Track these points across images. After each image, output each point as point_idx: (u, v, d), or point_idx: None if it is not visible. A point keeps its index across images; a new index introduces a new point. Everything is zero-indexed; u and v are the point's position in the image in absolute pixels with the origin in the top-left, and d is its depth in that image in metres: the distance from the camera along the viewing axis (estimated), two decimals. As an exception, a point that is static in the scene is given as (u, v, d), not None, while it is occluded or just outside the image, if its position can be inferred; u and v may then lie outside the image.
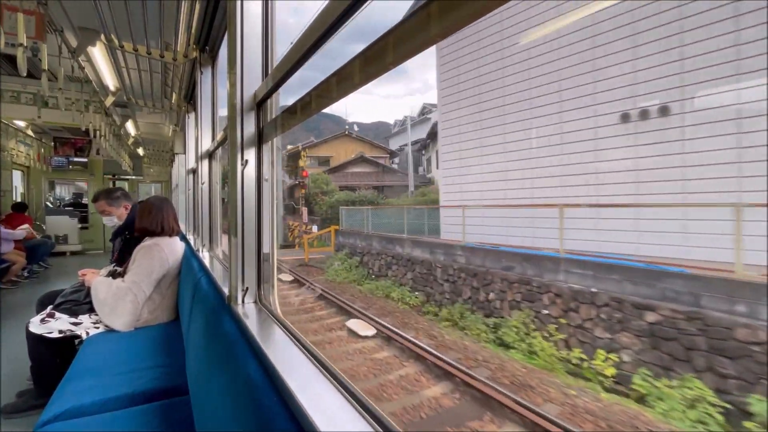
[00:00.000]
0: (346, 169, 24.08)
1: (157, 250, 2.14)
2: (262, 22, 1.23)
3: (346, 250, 12.44)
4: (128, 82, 4.04)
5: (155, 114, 5.57)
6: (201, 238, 2.81)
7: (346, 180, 22.84)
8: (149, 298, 2.12)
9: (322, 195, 20.23)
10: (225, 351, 0.94)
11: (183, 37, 2.57)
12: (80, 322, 2.05)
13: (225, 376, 0.88)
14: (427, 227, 10.84)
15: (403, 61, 0.53)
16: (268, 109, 1.17)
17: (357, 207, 15.61)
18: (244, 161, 1.17)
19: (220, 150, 2.46)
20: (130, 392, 1.46)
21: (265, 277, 1.19)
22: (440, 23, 0.43)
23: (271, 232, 1.22)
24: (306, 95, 0.83)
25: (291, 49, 0.86)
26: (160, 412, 1.35)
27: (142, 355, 1.77)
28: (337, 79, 0.68)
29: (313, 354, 0.80)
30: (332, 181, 21.76)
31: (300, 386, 0.65)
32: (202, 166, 2.78)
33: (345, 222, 14.01)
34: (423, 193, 18.78)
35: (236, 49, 1.20)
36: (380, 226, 11.90)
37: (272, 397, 0.66)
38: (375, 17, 1.62)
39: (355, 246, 12.12)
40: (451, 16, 0.41)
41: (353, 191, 20.64)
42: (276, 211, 1.24)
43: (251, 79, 1.21)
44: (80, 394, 1.42)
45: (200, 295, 1.48)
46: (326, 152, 26.23)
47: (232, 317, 1.09)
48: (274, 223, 1.22)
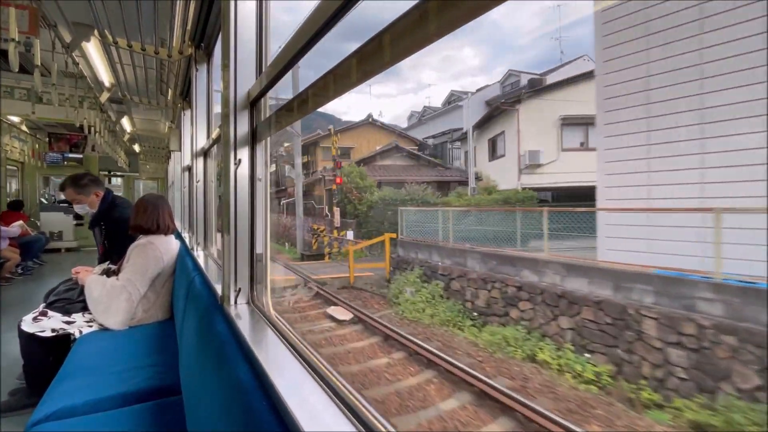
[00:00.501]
0: (376, 162, 19.34)
1: (151, 249, 2.12)
2: (256, 20, 1.22)
3: (415, 269, 8.70)
4: (123, 79, 4.00)
5: (151, 111, 5.52)
6: (196, 237, 2.79)
7: (376, 174, 17.50)
8: (144, 297, 2.10)
9: (357, 192, 15.18)
10: (216, 352, 0.94)
11: (178, 33, 2.54)
12: (73, 321, 2.04)
13: (216, 377, 0.88)
14: (549, 237, 6.66)
15: (401, 59, 0.52)
16: (261, 108, 1.16)
17: (422, 208, 11.48)
18: (238, 160, 1.16)
19: (215, 148, 2.44)
20: (123, 392, 1.45)
21: (258, 278, 1.19)
22: (438, 20, 0.42)
23: (265, 232, 1.21)
24: (302, 93, 0.82)
25: (284, 48, 0.85)
26: (152, 412, 1.34)
27: (136, 354, 1.76)
28: (333, 76, 0.67)
29: (303, 356, 0.79)
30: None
31: (288, 388, 0.65)
32: (198, 164, 2.76)
33: (406, 228, 10.36)
34: (488, 191, 14.40)
35: (230, 46, 1.19)
36: (467, 235, 8.69)
37: (261, 400, 0.65)
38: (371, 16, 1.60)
39: (429, 264, 8.56)
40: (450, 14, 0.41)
41: (395, 188, 15.84)
42: (268, 211, 1.23)
43: (245, 78, 1.20)
44: (72, 393, 1.41)
45: (194, 295, 1.47)
46: (347, 142, 20.99)
47: (224, 318, 1.09)
48: (268, 223, 1.22)
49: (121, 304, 2.01)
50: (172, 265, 2.21)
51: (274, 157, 24.03)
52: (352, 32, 1.93)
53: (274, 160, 24.22)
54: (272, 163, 24.33)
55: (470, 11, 0.39)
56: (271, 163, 18.92)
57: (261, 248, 1.19)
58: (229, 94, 1.17)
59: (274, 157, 24.03)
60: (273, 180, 24.23)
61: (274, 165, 24.45)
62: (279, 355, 0.81)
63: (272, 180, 24.18)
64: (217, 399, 0.83)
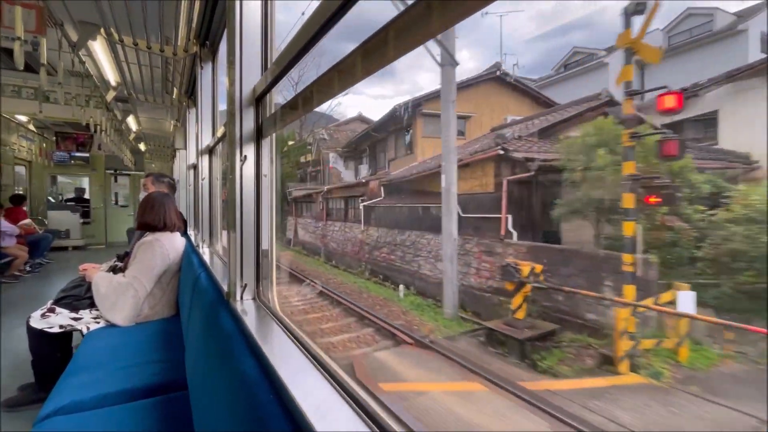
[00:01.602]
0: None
1: (158, 246, 2.14)
2: (261, 17, 1.22)
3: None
4: (129, 77, 4.02)
5: (156, 109, 5.55)
6: (201, 234, 2.81)
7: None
8: (150, 294, 2.12)
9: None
10: (222, 347, 0.94)
11: (183, 31, 2.55)
12: (81, 317, 2.06)
13: (222, 372, 0.88)
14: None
15: (404, 53, 0.52)
16: (266, 104, 1.16)
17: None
18: (243, 157, 1.17)
19: (220, 145, 2.45)
20: (130, 387, 1.47)
21: (263, 274, 1.19)
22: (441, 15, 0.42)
23: (271, 228, 1.21)
24: (306, 89, 0.82)
25: (289, 44, 0.85)
26: (159, 407, 1.35)
27: (143, 350, 1.78)
28: (337, 72, 0.67)
29: (309, 351, 0.80)
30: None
31: (294, 382, 0.65)
32: (203, 162, 2.78)
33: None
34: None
35: (235, 43, 1.19)
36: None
37: (268, 394, 0.66)
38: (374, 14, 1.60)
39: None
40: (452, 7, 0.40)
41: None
42: (274, 207, 1.23)
43: (250, 75, 1.20)
44: (80, 388, 1.43)
45: (199, 291, 1.48)
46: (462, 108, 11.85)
47: (230, 313, 1.09)
48: (273, 219, 1.22)
49: (127, 300, 2.03)
50: (178, 262, 2.23)
51: (310, 145, 20.27)
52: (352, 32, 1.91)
53: (310, 147, 20.29)
54: (308, 146, 20.37)
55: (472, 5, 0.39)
56: (307, 145, 16.92)
57: (266, 244, 1.19)
58: (234, 91, 1.18)
59: (310, 145, 20.27)
60: (311, 172, 19.90)
61: (311, 153, 20.09)
62: (285, 349, 0.82)
63: (309, 173, 20.04)
64: (223, 393, 0.84)
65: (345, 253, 11.63)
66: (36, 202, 8.36)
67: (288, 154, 20.45)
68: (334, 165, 17.07)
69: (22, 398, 2.01)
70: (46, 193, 8.97)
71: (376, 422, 0.56)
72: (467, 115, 12.74)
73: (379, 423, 0.56)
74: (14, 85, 4.78)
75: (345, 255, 11.49)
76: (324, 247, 13.23)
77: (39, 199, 8.59)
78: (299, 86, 13.29)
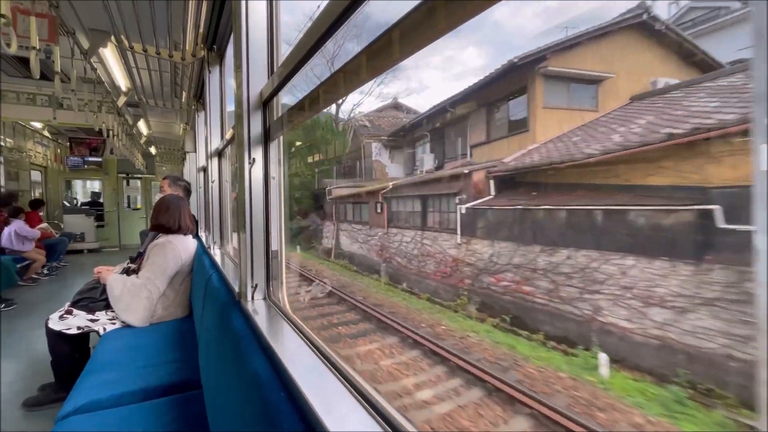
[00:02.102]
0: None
1: (170, 248, 2.17)
2: (267, 21, 1.24)
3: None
4: (139, 82, 4.10)
5: (166, 113, 5.64)
6: (212, 236, 2.85)
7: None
8: (163, 295, 2.16)
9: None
10: (234, 347, 0.96)
11: (191, 36, 2.59)
12: (97, 319, 2.10)
13: (234, 371, 0.90)
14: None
15: (410, 54, 0.52)
16: (274, 107, 1.17)
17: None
18: (252, 159, 1.18)
19: (229, 148, 2.48)
20: (146, 386, 1.50)
21: (274, 274, 1.21)
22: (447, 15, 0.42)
23: (280, 229, 1.23)
24: (313, 91, 0.83)
25: (295, 47, 0.86)
26: (174, 406, 1.38)
27: (157, 350, 1.81)
28: (343, 74, 0.68)
29: (319, 349, 0.81)
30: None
31: (305, 380, 0.66)
32: (212, 165, 2.81)
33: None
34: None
35: (242, 47, 1.21)
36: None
37: (279, 393, 0.67)
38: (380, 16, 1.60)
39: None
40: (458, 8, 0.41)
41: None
42: (283, 208, 1.25)
43: (257, 78, 1.21)
44: (98, 388, 1.47)
45: (211, 292, 1.50)
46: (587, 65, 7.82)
47: (241, 313, 1.11)
48: (282, 220, 1.23)
49: (141, 301, 2.07)
50: (190, 264, 2.26)
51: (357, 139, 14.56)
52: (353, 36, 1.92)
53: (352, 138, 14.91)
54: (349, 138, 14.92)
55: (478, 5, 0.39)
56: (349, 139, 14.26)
57: (276, 245, 1.21)
58: (242, 95, 1.19)
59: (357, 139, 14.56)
60: (347, 166, 15.16)
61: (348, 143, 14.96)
62: (296, 348, 0.83)
63: (346, 167, 15.25)
64: (236, 391, 0.85)
65: (425, 274, 7.99)
66: (52, 206, 8.55)
67: (320, 144, 15.25)
68: (378, 157, 13.84)
69: (42, 398, 2.06)
70: (61, 198, 9.17)
71: (389, 422, 0.57)
72: (600, 77, 8.12)
73: (392, 423, 0.56)
74: (29, 93, 4.89)
75: (426, 277, 7.86)
76: (385, 264, 9.43)
77: (55, 203, 8.79)
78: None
